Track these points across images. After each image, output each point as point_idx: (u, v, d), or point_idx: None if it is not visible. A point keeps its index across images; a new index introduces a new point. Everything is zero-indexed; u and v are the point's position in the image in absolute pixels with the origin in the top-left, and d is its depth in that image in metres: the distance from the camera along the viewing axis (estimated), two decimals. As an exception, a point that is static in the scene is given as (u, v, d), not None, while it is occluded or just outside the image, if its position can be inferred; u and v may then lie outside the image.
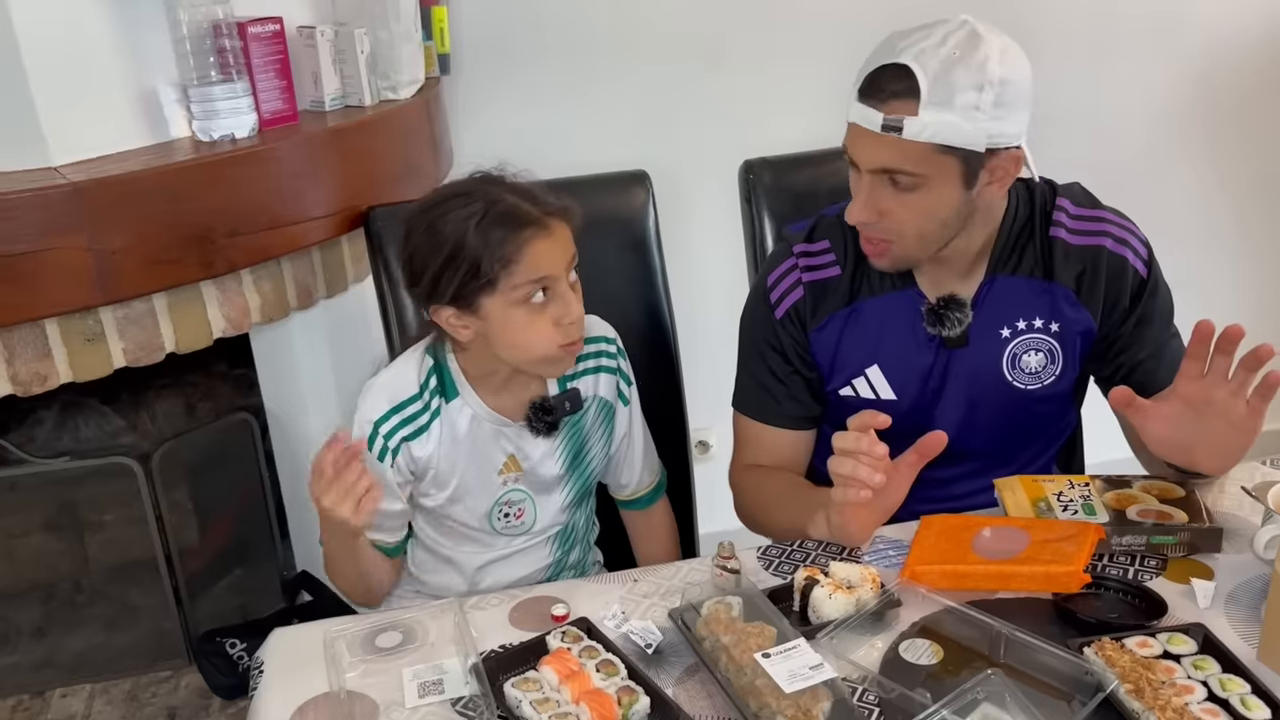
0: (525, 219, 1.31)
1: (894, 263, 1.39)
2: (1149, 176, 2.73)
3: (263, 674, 1.22)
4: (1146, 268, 1.44)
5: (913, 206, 1.31)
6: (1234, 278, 2.93)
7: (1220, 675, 1.07)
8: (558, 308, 1.34)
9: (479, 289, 1.31)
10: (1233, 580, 1.25)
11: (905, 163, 1.28)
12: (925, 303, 1.43)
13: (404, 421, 1.39)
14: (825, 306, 1.47)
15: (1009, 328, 1.44)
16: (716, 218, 2.07)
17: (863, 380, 1.48)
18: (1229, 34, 2.68)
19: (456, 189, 1.37)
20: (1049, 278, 1.42)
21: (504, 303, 1.32)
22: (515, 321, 1.33)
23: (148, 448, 2.15)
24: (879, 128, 1.27)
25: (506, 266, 1.30)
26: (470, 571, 1.52)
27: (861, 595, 1.21)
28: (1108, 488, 1.36)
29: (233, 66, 1.70)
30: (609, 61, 2.38)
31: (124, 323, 1.64)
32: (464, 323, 1.35)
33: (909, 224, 1.33)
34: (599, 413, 1.52)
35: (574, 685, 1.10)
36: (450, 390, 1.42)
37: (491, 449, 1.44)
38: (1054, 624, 1.18)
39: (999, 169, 1.32)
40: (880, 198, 1.32)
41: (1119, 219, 1.46)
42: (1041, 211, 1.44)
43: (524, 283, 1.31)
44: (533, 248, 1.31)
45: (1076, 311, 1.43)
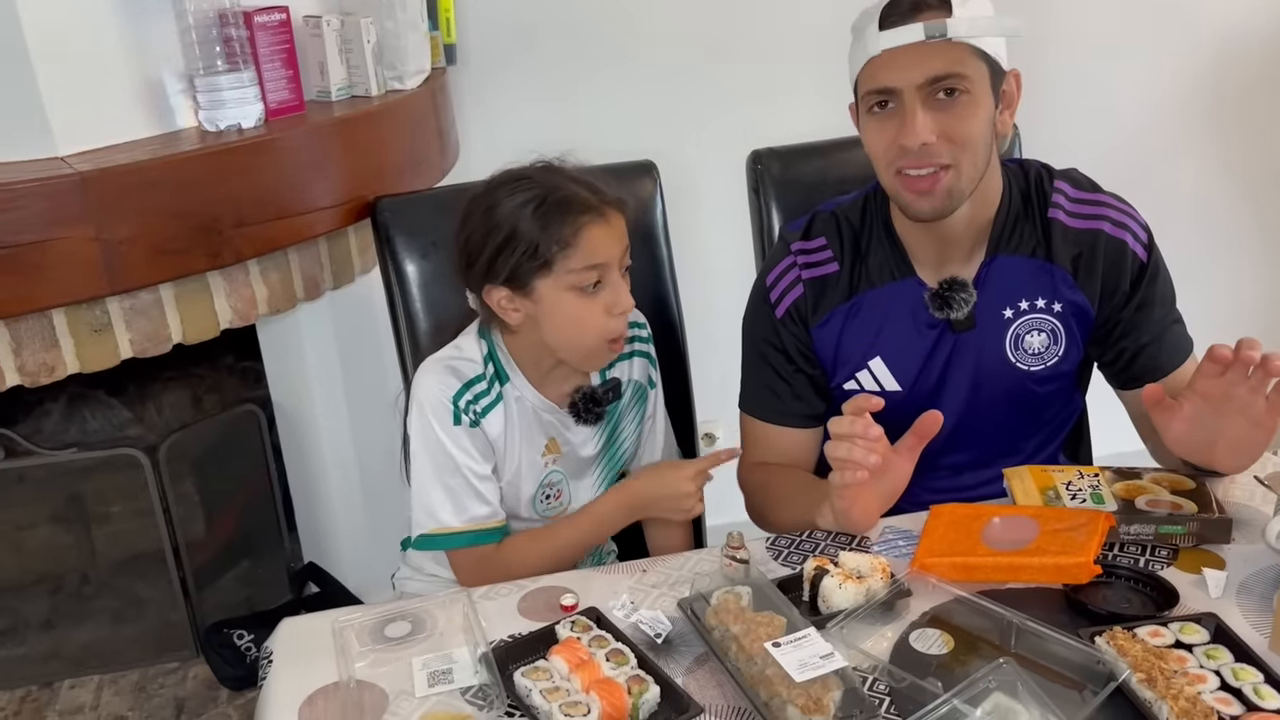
0: (585, 205, 1.35)
1: (946, 199, 1.34)
2: (1153, 166, 2.72)
3: (272, 664, 1.22)
4: (1147, 252, 1.44)
5: (965, 116, 1.31)
6: (1237, 269, 2.92)
7: (1233, 665, 1.06)
8: (610, 295, 1.37)
9: (535, 270, 1.34)
10: (1245, 570, 1.25)
11: (953, 64, 1.29)
12: (928, 289, 1.43)
13: (476, 398, 1.42)
14: (825, 303, 1.47)
15: (1011, 308, 1.43)
16: (724, 208, 2.07)
17: (866, 373, 1.47)
18: (1235, 25, 2.67)
19: (516, 174, 1.39)
20: (1048, 258, 1.42)
21: (558, 286, 1.35)
22: (567, 306, 1.36)
23: (154, 440, 2.15)
24: (921, 37, 1.28)
25: (564, 249, 1.33)
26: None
27: (871, 585, 1.21)
28: (1117, 478, 1.36)
29: (239, 56, 1.69)
30: (616, 51, 2.38)
31: (131, 313, 1.63)
32: (516, 305, 1.38)
33: (967, 136, 1.31)
34: (633, 396, 1.55)
35: (584, 674, 1.10)
36: (503, 375, 1.44)
37: (536, 433, 1.47)
38: (1065, 614, 1.18)
39: (1007, 93, 1.36)
40: (932, 115, 1.30)
41: (1118, 203, 1.45)
42: (1038, 191, 1.44)
43: (580, 267, 1.34)
44: (590, 233, 1.34)
45: (1074, 293, 1.43)
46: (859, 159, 1.76)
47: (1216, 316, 2.90)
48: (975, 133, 1.32)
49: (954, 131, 1.31)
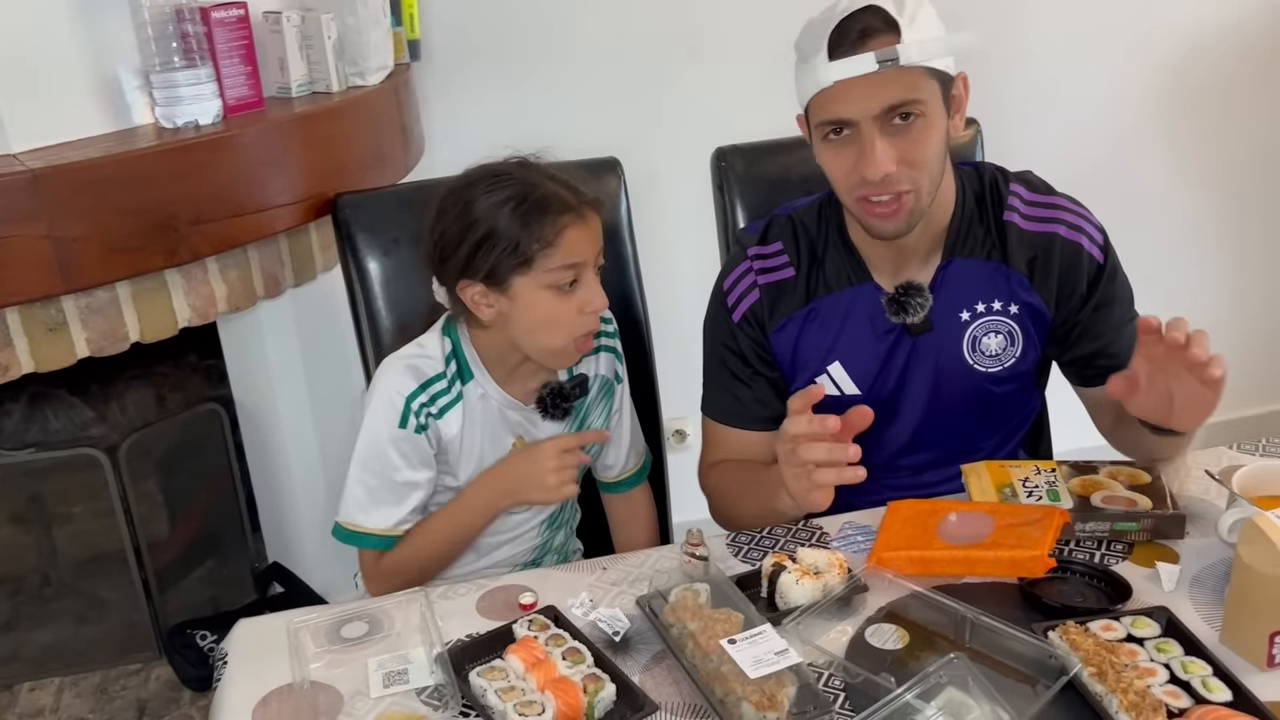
0: (565, 205, 1.35)
1: (909, 218, 1.34)
2: (1117, 165, 2.75)
3: (227, 665, 1.21)
4: (1103, 253, 1.44)
5: (921, 142, 1.30)
6: (1203, 268, 2.95)
7: (1183, 658, 1.08)
8: (584, 294, 1.37)
9: (514, 268, 1.34)
10: (1198, 563, 1.26)
11: (908, 91, 1.28)
12: (884, 294, 1.43)
13: (432, 399, 1.41)
14: (782, 308, 1.47)
15: (968, 311, 1.44)
16: (689, 205, 2.07)
17: (825, 378, 1.47)
18: (1202, 27, 2.69)
19: (493, 170, 1.39)
20: (1004, 261, 1.43)
21: (535, 284, 1.35)
22: (542, 304, 1.36)
23: (116, 439, 2.13)
24: (874, 66, 1.26)
25: (545, 249, 1.33)
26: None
27: (828, 581, 1.21)
28: (1074, 473, 1.37)
29: (196, 52, 1.68)
30: (581, 47, 2.37)
31: (87, 312, 1.62)
32: (490, 301, 1.37)
33: (924, 159, 1.31)
34: (600, 391, 1.55)
35: (539, 673, 1.09)
36: (466, 372, 1.44)
37: (502, 431, 1.46)
38: (1020, 608, 1.19)
39: (956, 98, 1.35)
40: (891, 144, 1.29)
41: (1073, 205, 1.46)
42: (993, 194, 1.45)
43: (559, 266, 1.35)
44: (570, 233, 1.35)
45: (1030, 296, 1.43)
46: (822, 155, 1.77)
47: (1181, 313, 2.95)
48: (932, 153, 1.32)
49: (912, 156, 1.30)
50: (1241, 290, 3.00)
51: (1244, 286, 3.00)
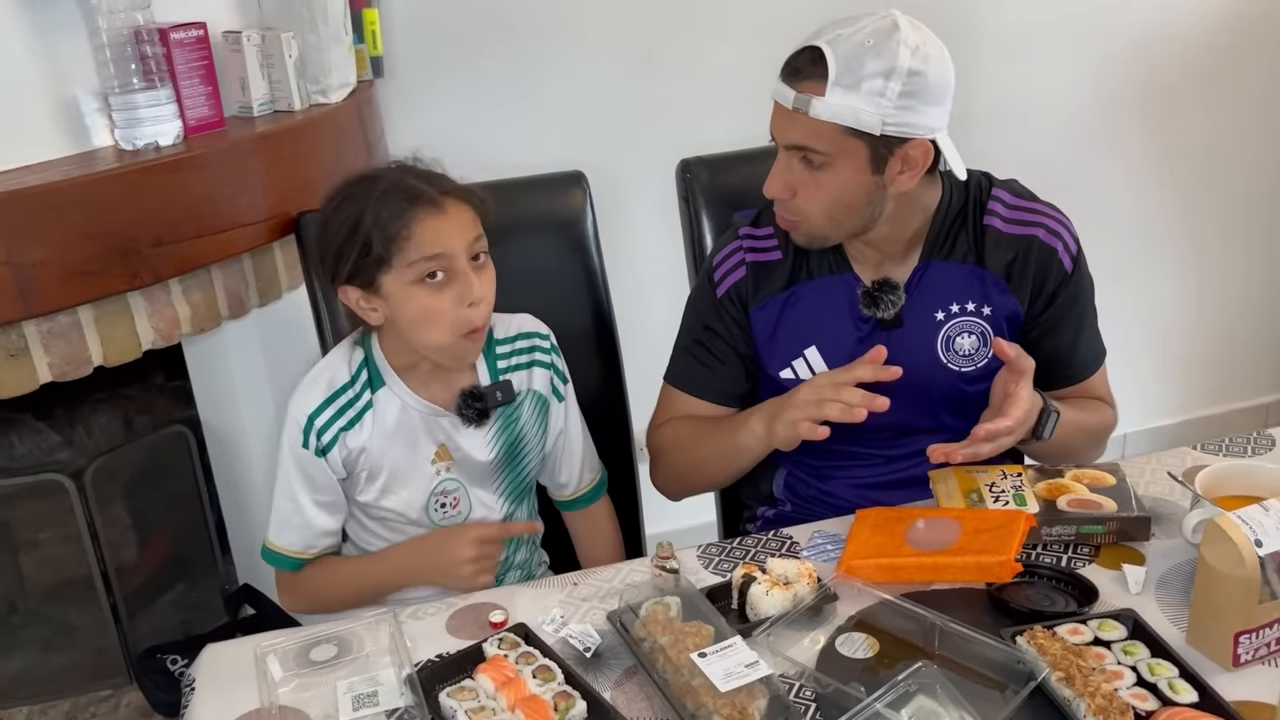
0: (417, 196, 1.32)
1: (808, 239, 1.44)
2: (1081, 170, 2.78)
3: (194, 691, 1.20)
4: (1073, 264, 1.48)
5: (821, 186, 1.37)
6: (1164, 267, 2.99)
7: (1149, 660, 1.09)
8: (458, 287, 1.33)
9: (375, 266, 1.33)
10: (1164, 564, 1.27)
11: (813, 140, 1.34)
12: (861, 286, 1.47)
13: (338, 412, 1.40)
14: (766, 287, 1.51)
15: (943, 311, 1.47)
16: (655, 217, 2.07)
17: (801, 362, 1.50)
18: (1159, 27, 2.73)
19: (365, 173, 1.39)
20: (980, 264, 1.46)
21: (401, 281, 1.33)
22: (415, 302, 1.33)
23: (82, 463, 2.10)
24: (790, 105, 1.33)
25: (397, 242, 1.31)
26: None
27: (798, 591, 1.22)
28: (1040, 477, 1.38)
29: (155, 73, 1.66)
30: (545, 63, 2.37)
31: (49, 336, 1.60)
32: (371, 305, 1.36)
33: (816, 203, 1.39)
34: (534, 407, 1.52)
35: (510, 692, 1.09)
36: (377, 380, 1.42)
37: (422, 438, 1.44)
38: (988, 613, 1.20)
39: (909, 159, 1.36)
40: (792, 175, 1.38)
41: (1055, 213, 1.50)
42: (976, 200, 1.48)
43: (418, 259, 1.32)
44: (424, 225, 1.31)
45: (1005, 298, 1.47)
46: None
47: (1144, 313, 2.99)
48: (828, 198, 1.38)
49: (805, 193, 1.38)
50: (1202, 289, 3.04)
51: (1204, 285, 3.04)
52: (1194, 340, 3.09)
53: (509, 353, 1.49)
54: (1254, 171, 2.97)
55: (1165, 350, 3.09)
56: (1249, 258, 3.06)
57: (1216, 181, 2.95)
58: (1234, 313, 3.10)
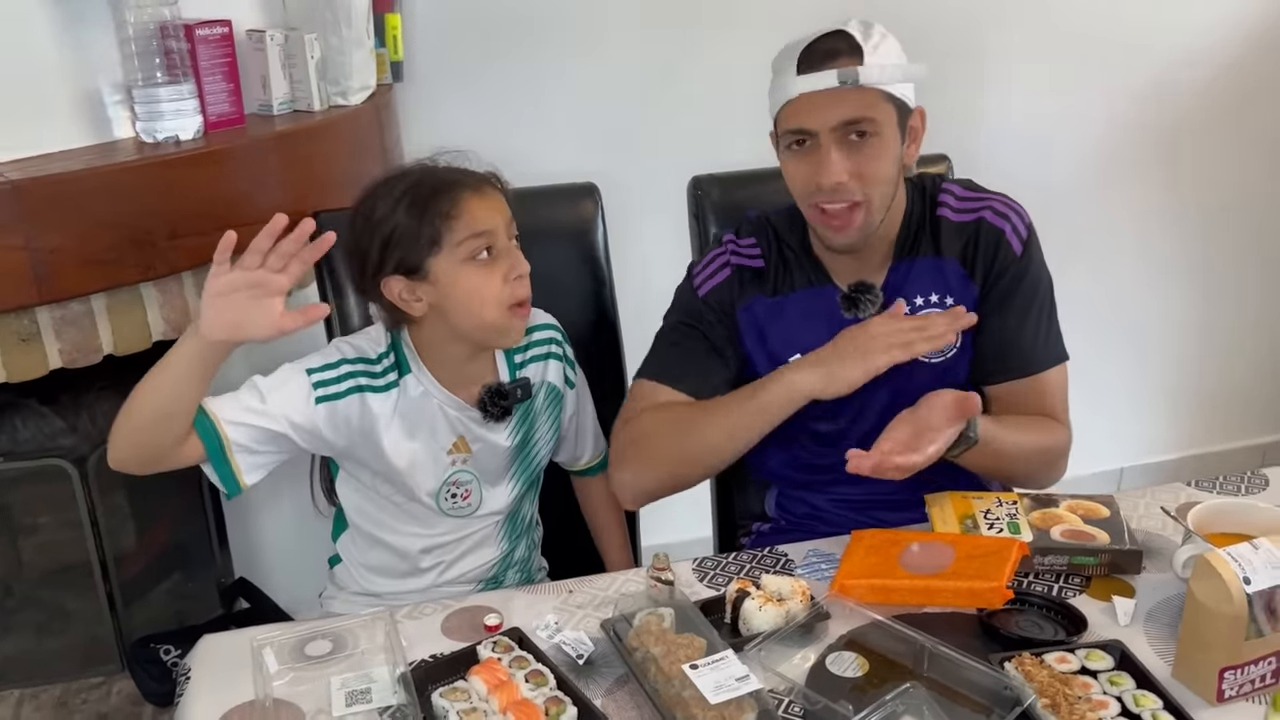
0: (456, 180, 1.39)
1: (861, 229, 1.42)
2: (1093, 200, 2.79)
3: (189, 681, 1.22)
4: (1023, 246, 1.49)
5: (875, 156, 1.40)
6: (1171, 302, 3.00)
7: (1134, 691, 1.10)
8: (506, 262, 1.39)
9: (426, 251, 1.36)
10: (1153, 598, 1.28)
11: (864, 109, 1.38)
12: (839, 292, 1.50)
13: (368, 374, 1.42)
14: (752, 289, 1.53)
15: (909, 306, 1.49)
16: (665, 232, 2.09)
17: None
18: (1177, 60, 2.75)
19: (387, 174, 1.43)
20: (938, 253, 1.50)
21: (452, 261, 1.37)
22: (466, 279, 1.37)
23: (85, 450, 2.12)
24: (836, 83, 1.36)
25: (448, 222, 1.36)
26: (413, 555, 1.52)
27: (791, 608, 1.23)
28: (1034, 506, 1.39)
29: (179, 68, 1.69)
30: (562, 74, 2.39)
31: (61, 323, 1.61)
32: (416, 293, 1.39)
33: (876, 177, 1.40)
34: (547, 398, 1.56)
35: (502, 695, 1.10)
36: (404, 367, 1.45)
37: (441, 427, 1.47)
38: (978, 638, 1.21)
39: (914, 130, 1.45)
40: (846, 155, 1.39)
41: (1003, 199, 1.52)
42: (930, 198, 1.52)
43: (467, 237, 1.36)
44: (469, 204, 1.37)
45: (965, 284, 1.49)
46: (795, 188, 1.79)
47: (1147, 346, 3.00)
48: (884, 171, 1.41)
49: (865, 170, 1.39)
50: (1207, 326, 3.05)
51: (1209, 322, 3.05)
52: (1196, 377, 3.10)
53: (525, 345, 1.54)
54: (1262, 212, 2.98)
55: (1166, 385, 3.10)
56: (1256, 296, 3.07)
57: (1227, 219, 2.96)
58: (1237, 351, 3.11)
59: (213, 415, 1.33)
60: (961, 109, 2.59)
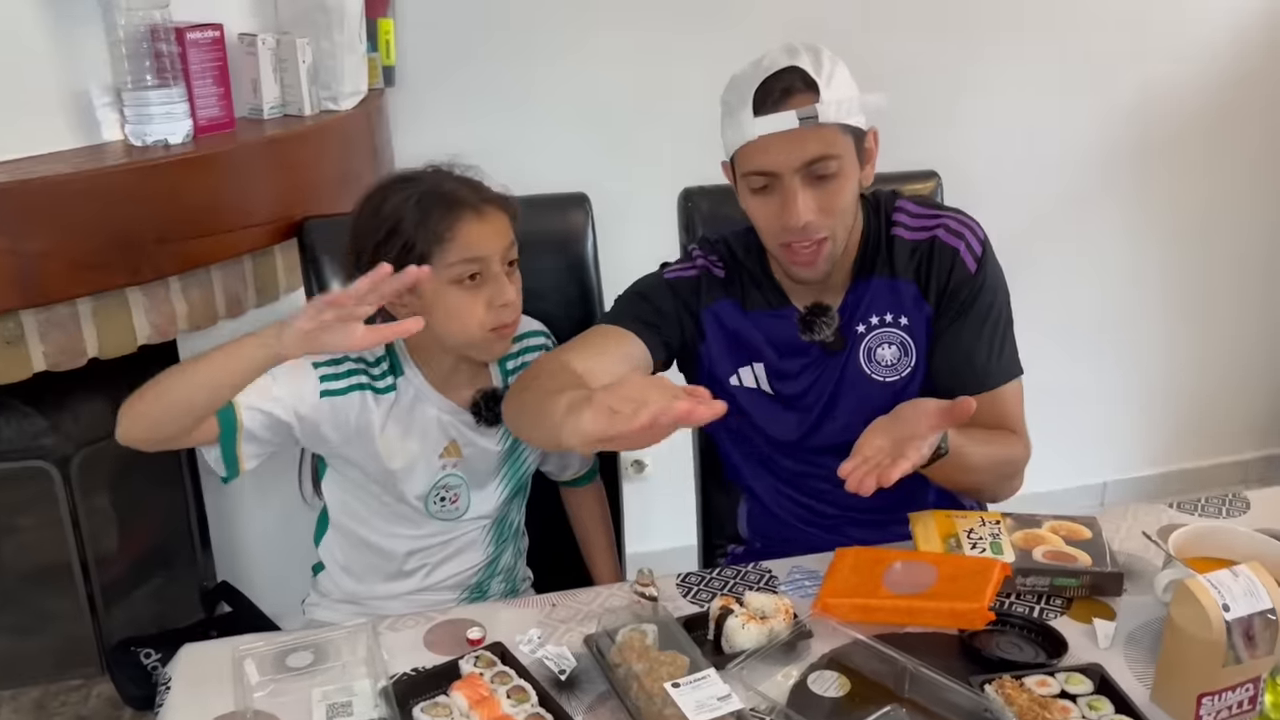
0: (461, 200, 1.38)
1: (827, 260, 1.42)
2: (1076, 219, 2.80)
3: (169, 690, 1.21)
4: (977, 264, 1.48)
5: (838, 192, 1.39)
6: (1154, 319, 3.01)
7: (1113, 716, 1.10)
8: (491, 289, 1.39)
9: (415, 264, 1.33)
10: (1134, 621, 1.29)
11: (826, 147, 1.36)
12: (796, 313, 1.50)
13: (368, 374, 1.43)
14: (719, 292, 1.52)
15: (863, 324, 1.50)
16: (655, 244, 2.09)
17: (748, 371, 1.52)
18: (1161, 78, 2.76)
19: (403, 174, 1.44)
20: (893, 274, 1.49)
21: (439, 280, 1.37)
22: (449, 300, 1.38)
23: (69, 451, 2.11)
24: (795, 124, 1.34)
25: (440, 243, 1.36)
26: (399, 557, 1.52)
27: (774, 626, 1.23)
28: (1017, 526, 1.40)
29: (169, 71, 1.68)
30: (555, 82, 2.40)
31: (46, 325, 1.61)
32: (403, 301, 1.40)
33: (839, 214, 1.40)
34: None
35: (483, 711, 1.10)
36: (398, 369, 1.46)
37: (434, 430, 1.48)
38: (959, 659, 1.21)
39: (868, 150, 1.44)
40: (811, 195, 1.37)
41: (958, 216, 1.51)
42: (885, 217, 1.51)
43: (457, 261, 1.37)
44: (466, 228, 1.37)
45: (919, 305, 1.49)
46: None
47: (1131, 363, 3.01)
48: (848, 203, 1.41)
49: (830, 206, 1.39)
50: (1190, 342, 3.06)
51: (1192, 339, 3.06)
52: (1179, 393, 3.12)
53: (518, 352, 1.55)
54: (1248, 228, 3.00)
55: (1150, 401, 3.11)
56: (1239, 312, 3.09)
57: (1210, 237, 2.98)
58: (1220, 367, 3.13)
59: (234, 401, 1.33)
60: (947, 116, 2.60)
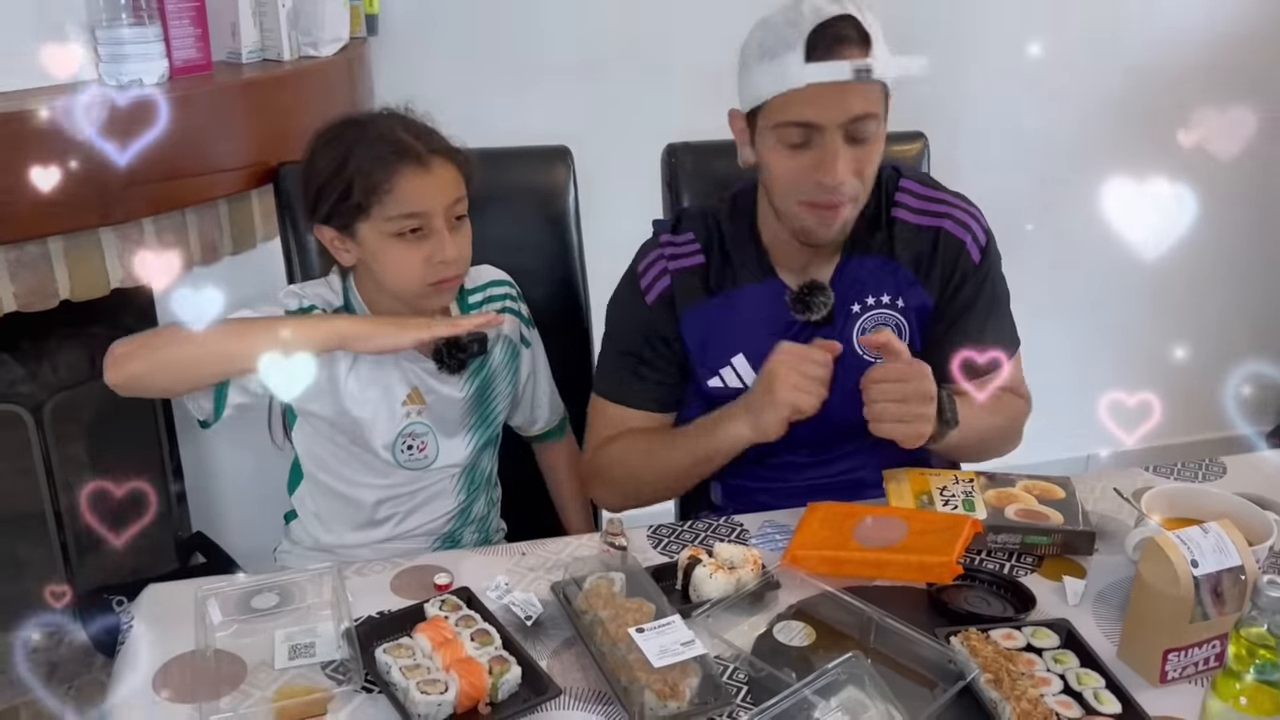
0: (405, 151, 1.34)
1: (845, 222, 1.38)
2: (1062, 197, 2.78)
3: (131, 629, 1.20)
4: (981, 255, 1.48)
5: (874, 153, 1.35)
6: (1141, 297, 3.00)
7: (1078, 669, 1.10)
8: (431, 245, 1.36)
9: (353, 213, 1.35)
10: (1104, 580, 1.29)
11: (872, 105, 1.31)
12: (789, 291, 1.46)
13: None
14: (691, 295, 1.48)
15: (859, 304, 1.47)
16: (637, 200, 2.07)
17: (730, 370, 1.49)
18: (1152, 59, 2.74)
19: (356, 116, 1.41)
20: (891, 256, 1.47)
21: (377, 232, 1.35)
22: (388, 253, 1.36)
23: (43, 398, 2.09)
24: (850, 76, 1.27)
25: (379, 195, 1.33)
26: (369, 506, 1.51)
27: (742, 576, 1.23)
28: (990, 485, 1.39)
29: (145, 11, 1.64)
30: (541, 35, 2.36)
31: (15, 265, 1.58)
32: (345, 246, 1.39)
33: (872, 172, 1.36)
34: (505, 353, 1.55)
35: (446, 653, 1.09)
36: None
37: (395, 378, 1.46)
38: (926, 613, 1.21)
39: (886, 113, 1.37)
40: (850, 153, 1.32)
41: (963, 203, 1.50)
42: (886, 194, 1.48)
43: (396, 215, 1.34)
44: (407, 181, 1.33)
45: (914, 289, 1.47)
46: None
47: (1114, 343, 3.01)
48: (876, 167, 1.37)
49: (864, 169, 1.34)
50: (1177, 320, 3.06)
51: (1179, 317, 3.06)
52: (1164, 370, 3.11)
53: (481, 301, 1.53)
54: (1235, 207, 2.99)
55: (1135, 378, 3.10)
56: (1236, 290, 3.08)
57: (1197, 214, 2.96)
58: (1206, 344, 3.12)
59: None
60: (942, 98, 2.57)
